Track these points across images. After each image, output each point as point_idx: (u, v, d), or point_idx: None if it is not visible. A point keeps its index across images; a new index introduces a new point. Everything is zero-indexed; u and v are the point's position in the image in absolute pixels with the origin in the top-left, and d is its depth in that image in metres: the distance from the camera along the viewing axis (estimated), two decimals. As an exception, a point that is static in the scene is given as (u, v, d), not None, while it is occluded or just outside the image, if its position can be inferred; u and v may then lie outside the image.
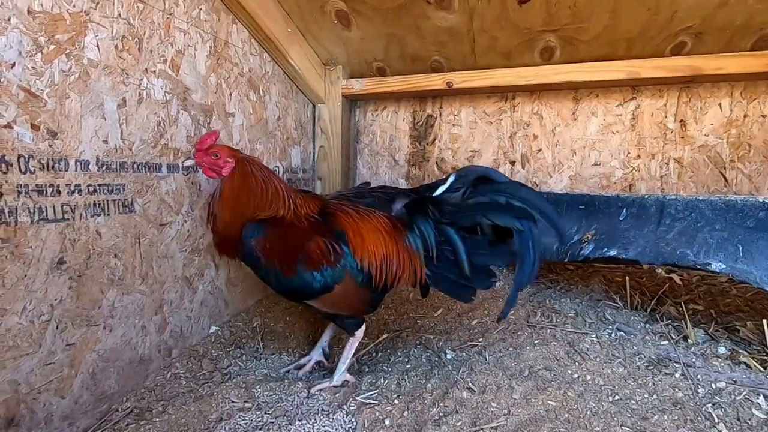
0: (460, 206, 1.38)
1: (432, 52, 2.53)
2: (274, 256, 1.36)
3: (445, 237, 1.38)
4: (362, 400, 1.46)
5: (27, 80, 1.21)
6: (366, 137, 3.05)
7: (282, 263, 1.36)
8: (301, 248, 1.36)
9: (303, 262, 1.35)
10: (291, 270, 1.35)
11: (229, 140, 2.06)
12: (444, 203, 1.41)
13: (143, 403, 1.51)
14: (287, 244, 1.37)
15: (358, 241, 1.42)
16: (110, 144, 1.46)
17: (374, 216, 1.51)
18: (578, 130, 2.57)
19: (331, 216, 1.44)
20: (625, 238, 1.58)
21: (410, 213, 1.49)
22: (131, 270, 1.55)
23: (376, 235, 1.46)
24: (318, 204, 1.50)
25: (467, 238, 1.37)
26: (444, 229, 1.39)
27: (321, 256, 1.36)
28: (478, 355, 1.67)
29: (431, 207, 1.42)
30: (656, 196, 1.59)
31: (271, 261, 1.35)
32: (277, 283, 1.38)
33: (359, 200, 1.99)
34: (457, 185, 1.40)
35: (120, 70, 1.49)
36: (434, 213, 1.41)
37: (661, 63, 2.18)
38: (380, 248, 1.43)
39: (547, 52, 2.36)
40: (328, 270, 1.36)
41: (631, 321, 1.78)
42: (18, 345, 1.21)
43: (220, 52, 1.98)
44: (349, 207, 1.52)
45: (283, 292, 1.44)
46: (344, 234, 1.41)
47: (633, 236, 1.56)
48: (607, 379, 1.46)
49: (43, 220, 1.26)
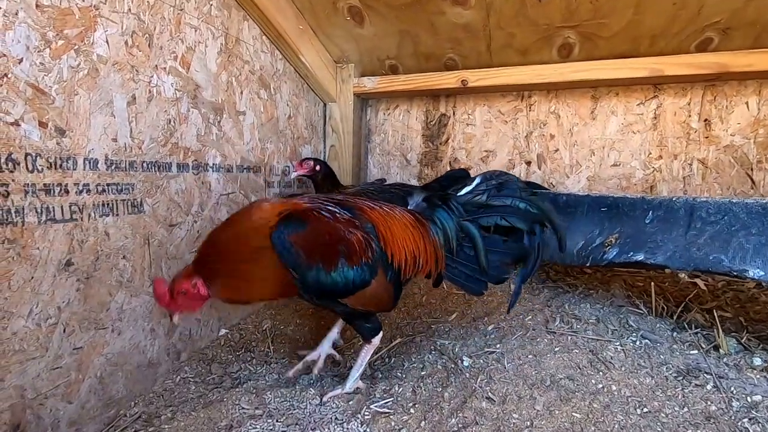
0: (484, 206, 1.49)
1: (446, 50, 2.47)
2: (316, 250, 1.26)
3: (466, 232, 1.47)
4: (377, 408, 1.40)
5: (35, 76, 1.18)
6: (377, 137, 3.00)
7: (325, 258, 1.27)
8: (344, 242, 1.29)
9: (345, 257, 1.28)
10: (333, 264, 1.28)
11: (239, 139, 2.02)
12: (468, 203, 1.50)
13: (151, 408, 1.48)
14: (329, 238, 1.28)
15: (389, 235, 1.38)
16: (119, 142, 1.43)
17: (398, 211, 1.48)
18: (597, 129, 2.49)
19: (358, 211, 1.39)
20: (653, 243, 1.51)
21: (432, 207, 1.52)
22: (140, 272, 1.51)
23: (404, 229, 1.42)
24: (342, 200, 1.45)
25: (485, 236, 1.47)
26: (465, 226, 1.47)
27: (362, 250, 1.31)
28: (496, 362, 1.60)
29: (455, 204, 1.49)
30: (685, 198, 1.51)
31: (312, 256, 1.26)
32: (316, 281, 1.28)
33: (379, 195, 1.97)
34: (482, 187, 1.51)
35: (130, 66, 1.45)
36: (459, 209, 1.48)
37: (686, 60, 2.10)
38: (409, 242, 1.41)
39: (565, 49, 2.29)
40: (367, 264, 1.31)
41: (656, 328, 1.70)
42: (24, 349, 1.18)
43: (231, 49, 1.94)
44: (369, 202, 1.48)
45: (321, 290, 1.32)
46: (375, 228, 1.37)
47: (661, 240, 1.49)
48: (633, 390, 1.39)
49: (51, 221, 1.23)
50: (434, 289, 2.41)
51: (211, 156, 1.84)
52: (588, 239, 1.80)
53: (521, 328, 1.86)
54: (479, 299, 2.22)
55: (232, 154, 1.97)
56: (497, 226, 1.47)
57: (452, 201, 1.49)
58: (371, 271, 1.33)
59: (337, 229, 1.30)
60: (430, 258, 1.45)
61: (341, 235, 1.29)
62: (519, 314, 1.99)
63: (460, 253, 1.48)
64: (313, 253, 1.26)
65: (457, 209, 1.48)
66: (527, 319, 1.93)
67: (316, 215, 1.30)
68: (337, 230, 1.29)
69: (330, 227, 1.29)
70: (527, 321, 1.92)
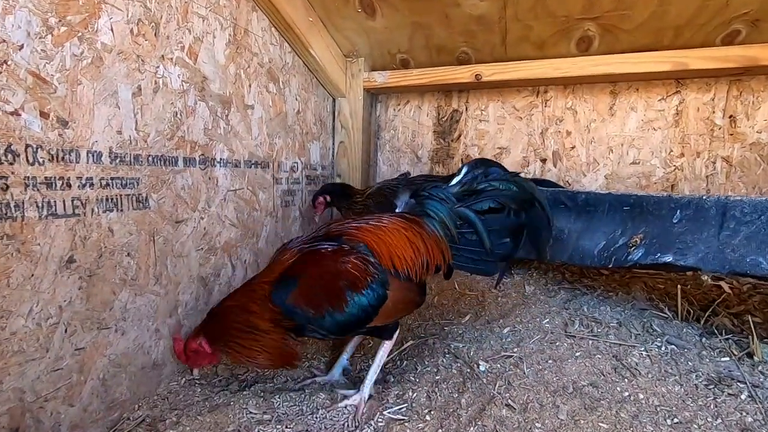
0: (475, 192, 1.53)
1: (459, 43, 2.39)
2: (320, 297, 1.25)
3: (464, 219, 1.50)
4: (390, 415, 1.34)
5: (36, 64, 1.12)
6: (387, 133, 2.93)
7: (332, 299, 1.25)
8: (342, 274, 1.26)
9: (351, 287, 1.25)
10: (343, 300, 1.25)
11: (247, 134, 1.96)
12: (460, 191, 1.53)
13: (156, 411, 1.42)
14: (325, 279, 1.26)
15: (383, 248, 1.34)
16: (124, 135, 1.37)
17: (386, 220, 1.44)
18: (615, 126, 2.40)
19: (346, 236, 1.35)
20: (682, 243, 1.43)
21: (422, 202, 1.53)
22: (145, 269, 1.46)
23: (398, 235, 1.38)
24: (328, 232, 1.42)
25: (482, 218, 1.51)
26: (462, 212, 1.50)
27: (363, 271, 1.27)
28: (514, 367, 1.53)
29: (444, 193, 1.51)
30: (716, 197, 1.43)
31: (319, 304, 1.24)
32: (335, 323, 1.26)
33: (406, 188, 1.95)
34: (469, 176, 1.56)
35: (135, 56, 1.40)
36: (450, 197, 1.50)
37: (711, 53, 2.01)
38: (407, 247, 1.37)
39: (584, 42, 2.21)
40: (375, 281, 1.28)
41: (682, 333, 1.62)
42: (24, 350, 1.12)
43: (240, 41, 1.88)
44: (354, 223, 1.43)
45: (345, 327, 1.30)
46: (367, 246, 1.33)
47: (691, 241, 1.41)
48: (662, 399, 1.32)
49: (52, 216, 1.17)
50: (446, 290, 2.35)
51: (219, 150, 1.78)
52: (610, 239, 1.72)
53: (539, 331, 1.79)
54: (493, 300, 2.15)
55: (239, 149, 1.91)
56: (490, 209, 1.53)
57: (440, 191, 1.52)
58: (382, 284, 1.30)
59: (329, 266, 1.28)
60: (434, 254, 1.42)
61: (336, 269, 1.27)
62: (535, 317, 1.92)
63: (462, 239, 1.51)
64: (318, 301, 1.25)
65: (448, 198, 1.50)
66: (544, 322, 1.86)
67: (302, 265, 1.30)
68: (329, 267, 1.28)
69: (321, 269, 1.28)
70: (545, 324, 1.84)
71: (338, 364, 1.62)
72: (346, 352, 1.65)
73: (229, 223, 1.86)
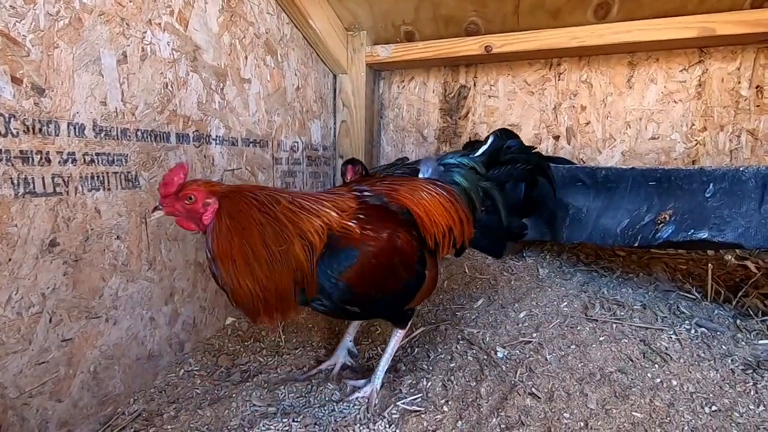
0: (499, 164, 1.46)
1: (469, 13, 2.25)
2: (374, 277, 1.07)
3: (484, 191, 1.42)
4: (405, 406, 1.25)
5: (4, 22, 0.99)
6: (391, 111, 2.80)
7: (387, 283, 1.11)
8: (398, 253, 1.10)
9: (404, 268, 1.13)
10: (395, 282, 1.13)
11: (245, 110, 1.83)
12: (487, 161, 1.45)
13: (153, 405, 1.32)
14: (386, 258, 1.08)
15: (424, 215, 1.22)
16: (109, 106, 1.24)
17: (422, 183, 1.31)
18: (634, 99, 2.28)
19: (387, 198, 1.20)
20: (718, 218, 1.32)
21: (450, 170, 1.41)
22: (137, 254, 1.35)
23: (434, 203, 1.25)
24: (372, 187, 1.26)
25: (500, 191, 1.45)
26: (483, 185, 1.42)
27: (414, 250, 1.14)
28: (534, 353, 1.44)
29: (475, 163, 1.42)
30: (755, 168, 1.32)
31: (370, 285, 1.08)
32: (369, 304, 1.12)
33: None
34: (495, 145, 1.47)
35: (119, 19, 1.26)
36: (480, 169, 1.42)
37: (740, 17, 1.88)
38: (443, 216, 1.25)
39: (602, 9, 2.07)
40: (419, 261, 1.17)
41: (713, 315, 1.53)
42: (3, 342, 1.02)
43: (234, 8, 1.74)
44: (387, 183, 1.28)
45: (376, 310, 1.20)
46: (410, 212, 1.20)
47: (728, 216, 1.30)
48: (698, 386, 1.23)
49: (30, 194, 1.06)
50: (455, 274, 2.25)
51: (214, 127, 1.66)
52: (634, 217, 1.61)
53: (557, 315, 1.69)
54: (506, 284, 2.06)
55: (236, 126, 1.79)
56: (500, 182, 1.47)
57: (469, 159, 1.42)
58: (423, 264, 1.18)
59: (389, 239, 1.08)
60: (465, 225, 1.32)
61: (393, 244, 1.09)
62: (552, 300, 1.82)
63: (477, 213, 1.42)
64: (370, 281, 1.07)
65: (477, 168, 1.41)
66: (563, 306, 1.76)
67: (363, 228, 1.06)
68: (388, 240, 1.08)
69: (381, 241, 1.07)
70: (563, 308, 1.75)
71: (341, 347, 1.52)
72: (348, 333, 1.56)
73: (227, 205, 1.75)
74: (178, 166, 1.04)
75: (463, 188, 1.37)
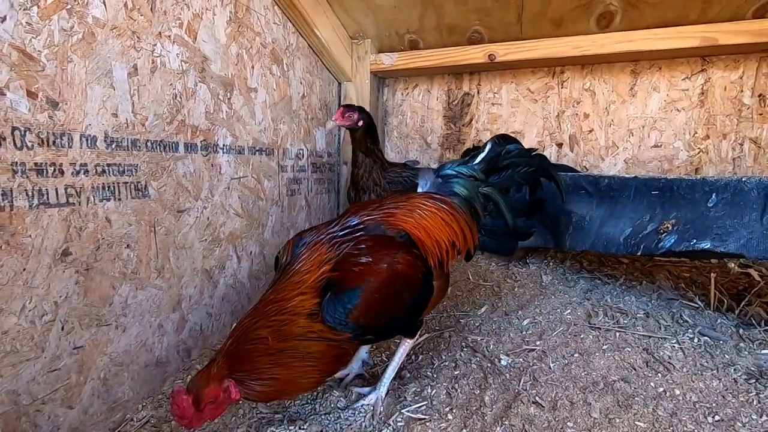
0: (498, 169, 1.48)
1: (472, 22, 2.27)
2: (383, 307, 1.10)
3: (487, 197, 1.44)
4: (410, 414, 1.26)
5: (21, 38, 1.02)
6: (395, 118, 2.82)
7: (395, 308, 1.14)
8: (400, 278, 1.12)
9: (407, 289, 1.15)
10: (403, 304, 1.15)
11: (251, 118, 1.85)
12: (485, 168, 1.47)
13: (161, 411, 1.34)
14: (386, 285, 1.09)
15: (424, 235, 1.23)
16: (120, 118, 1.27)
17: (419, 200, 1.32)
18: (636, 107, 2.29)
19: (384, 224, 1.21)
20: (720, 229, 1.33)
21: (449, 181, 1.44)
22: (146, 262, 1.37)
23: (433, 219, 1.27)
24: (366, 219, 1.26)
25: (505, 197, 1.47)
26: (485, 191, 1.44)
27: (414, 266, 1.16)
28: (538, 361, 1.45)
29: (473, 171, 1.44)
30: (757, 179, 1.33)
31: (381, 315, 1.10)
32: (386, 327, 1.15)
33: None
34: (494, 152, 1.49)
35: (130, 32, 1.29)
36: (479, 176, 1.44)
37: (742, 27, 1.89)
38: (444, 232, 1.27)
39: (605, 18, 2.09)
40: (423, 276, 1.19)
41: (716, 324, 1.53)
42: (17, 350, 1.04)
43: (241, 19, 1.77)
44: (383, 207, 1.28)
45: (398, 329, 1.24)
46: (407, 234, 1.21)
47: (731, 226, 1.32)
48: (700, 395, 1.23)
49: (44, 205, 1.08)
50: (459, 280, 2.26)
51: (221, 136, 1.68)
52: (637, 226, 1.62)
53: (561, 323, 1.70)
54: (509, 291, 2.07)
55: (243, 135, 1.81)
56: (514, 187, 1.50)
57: (467, 168, 1.44)
58: (428, 278, 1.21)
59: (388, 269, 1.10)
60: (467, 236, 1.34)
61: (394, 271, 1.11)
62: (556, 308, 1.83)
63: (480, 219, 1.44)
64: (380, 312, 1.09)
65: (475, 175, 1.43)
66: (566, 313, 1.77)
67: (355, 270, 1.08)
68: (389, 270, 1.10)
69: (380, 274, 1.09)
70: (566, 315, 1.76)
71: (357, 358, 1.53)
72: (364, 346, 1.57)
73: (234, 213, 1.77)
74: (176, 395, 0.96)
75: (463, 198, 1.38)
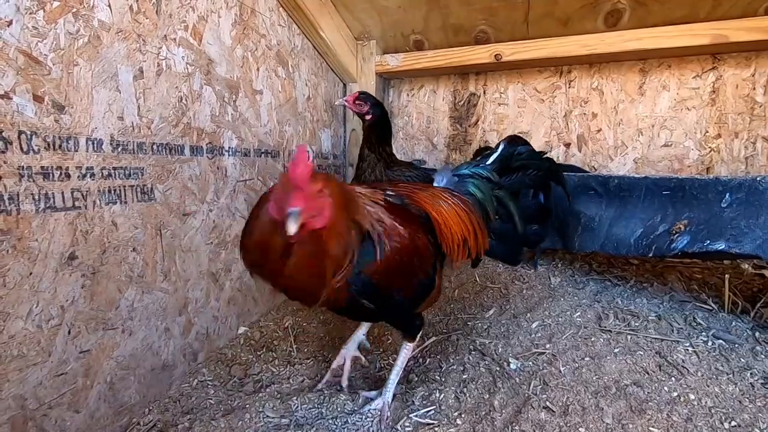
0: (510, 171, 1.47)
1: (478, 22, 2.26)
2: (398, 274, 1.09)
3: (498, 199, 1.43)
4: (418, 419, 1.24)
5: (27, 42, 1.02)
6: (400, 119, 2.81)
7: (405, 282, 1.12)
8: (417, 254, 1.13)
9: (420, 269, 1.14)
10: (412, 281, 1.14)
11: (257, 121, 1.85)
12: (498, 169, 1.45)
13: (167, 415, 1.34)
14: (406, 252, 1.09)
15: (441, 222, 1.23)
16: (126, 121, 1.27)
17: (439, 191, 1.32)
18: (646, 106, 2.26)
19: (408, 199, 1.22)
20: (735, 229, 1.31)
21: (465, 180, 1.41)
22: (152, 266, 1.37)
23: (452, 213, 1.26)
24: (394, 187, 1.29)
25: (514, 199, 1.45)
26: (497, 193, 1.43)
27: (431, 254, 1.16)
28: (548, 365, 1.43)
29: (488, 172, 1.43)
30: (773, 178, 1.30)
31: (391, 283, 1.09)
32: (385, 303, 1.13)
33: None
34: (506, 152, 1.47)
35: (136, 35, 1.29)
36: (493, 177, 1.42)
37: (753, 24, 1.86)
38: (459, 225, 1.26)
39: (613, 17, 2.06)
40: (433, 266, 1.19)
41: (731, 327, 1.50)
42: (24, 354, 1.04)
43: (246, 21, 1.77)
44: (404, 188, 1.30)
45: (397, 312, 1.22)
46: (428, 218, 1.21)
47: (746, 227, 1.29)
48: (716, 400, 1.20)
49: (50, 209, 1.08)
50: (466, 283, 2.24)
51: (227, 138, 1.68)
52: (648, 227, 1.60)
53: (570, 325, 1.68)
54: (517, 293, 2.04)
55: (249, 137, 1.81)
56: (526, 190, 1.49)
57: (482, 169, 1.42)
58: (435, 269, 1.20)
59: (412, 240, 1.10)
60: (479, 236, 1.32)
61: (415, 243, 1.11)
62: (565, 310, 1.80)
63: (490, 223, 1.42)
64: (392, 278, 1.08)
65: (490, 176, 1.41)
66: (576, 316, 1.74)
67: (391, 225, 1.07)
68: (412, 239, 1.10)
69: (404, 239, 1.08)
70: (576, 318, 1.73)
71: (353, 339, 1.55)
72: (362, 326, 1.60)
73: (240, 216, 1.77)
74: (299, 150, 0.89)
75: (478, 199, 1.37)
